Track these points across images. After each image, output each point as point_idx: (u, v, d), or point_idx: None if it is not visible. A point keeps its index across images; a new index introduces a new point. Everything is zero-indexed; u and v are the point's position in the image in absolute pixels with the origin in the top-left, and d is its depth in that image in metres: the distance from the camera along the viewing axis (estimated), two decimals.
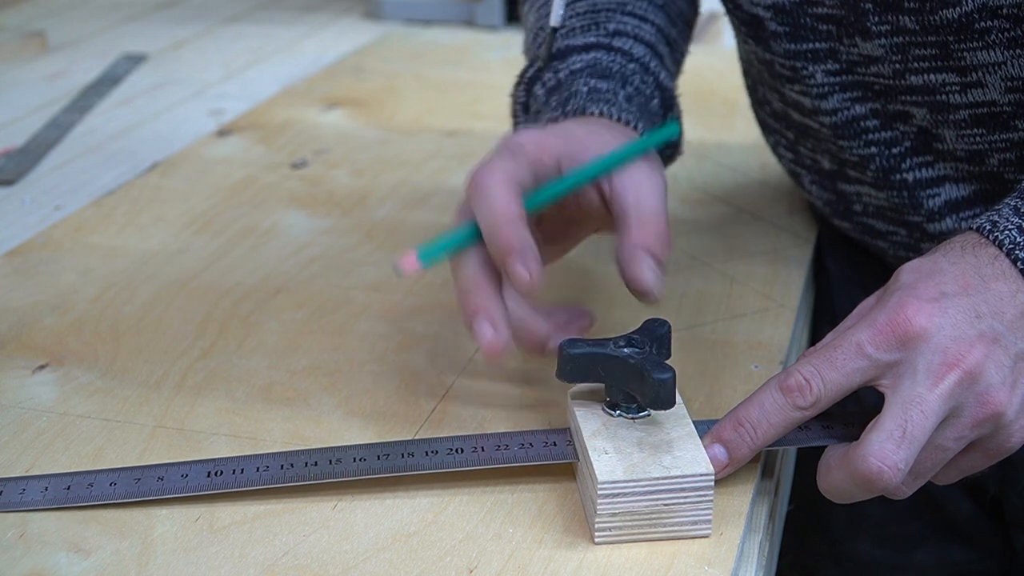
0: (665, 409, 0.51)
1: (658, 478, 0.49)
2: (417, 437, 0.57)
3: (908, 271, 0.53)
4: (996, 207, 0.56)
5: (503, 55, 1.26)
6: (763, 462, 0.57)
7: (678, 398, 0.53)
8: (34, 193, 0.91)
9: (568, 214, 0.60)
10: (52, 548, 0.49)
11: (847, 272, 0.82)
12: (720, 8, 0.76)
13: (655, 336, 0.54)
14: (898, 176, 0.70)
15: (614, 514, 0.49)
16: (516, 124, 0.71)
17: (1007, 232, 0.54)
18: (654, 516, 0.49)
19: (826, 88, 0.70)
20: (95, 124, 1.08)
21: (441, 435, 0.57)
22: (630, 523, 0.49)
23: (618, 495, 0.49)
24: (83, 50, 1.32)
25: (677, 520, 0.50)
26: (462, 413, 0.59)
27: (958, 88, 0.65)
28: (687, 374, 0.63)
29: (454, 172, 0.92)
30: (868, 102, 0.69)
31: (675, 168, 0.93)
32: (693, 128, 1.03)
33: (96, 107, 1.12)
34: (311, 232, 0.81)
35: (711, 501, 0.50)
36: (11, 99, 1.15)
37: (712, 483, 0.50)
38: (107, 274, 0.74)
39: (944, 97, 0.65)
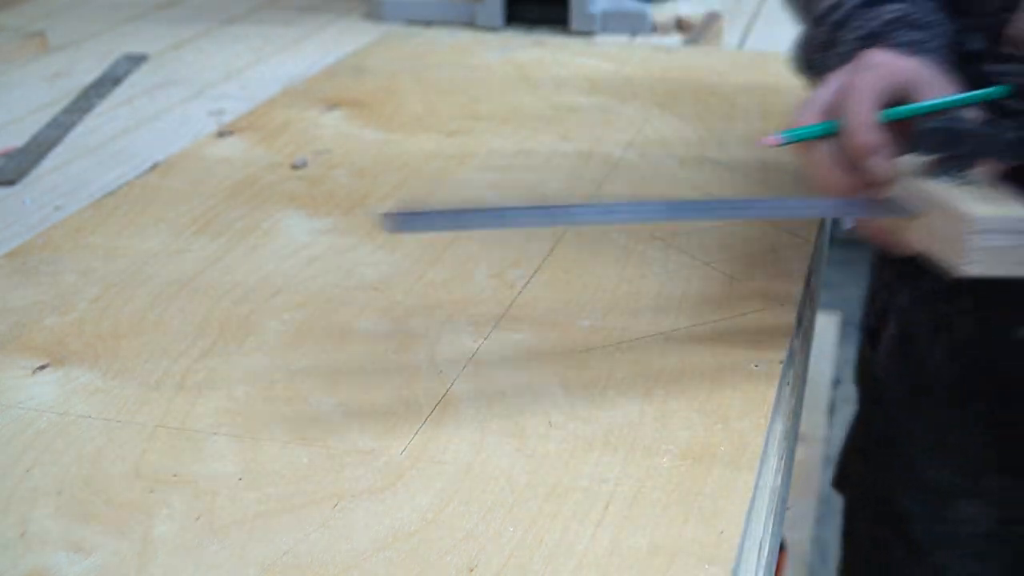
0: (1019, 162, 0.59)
1: (1016, 217, 0.56)
2: (417, 437, 0.57)
3: None
4: None
5: (503, 55, 1.26)
6: (761, 462, 0.57)
7: None
8: (34, 193, 0.91)
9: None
10: (52, 547, 0.49)
11: None
12: (720, 8, 0.76)
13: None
14: None
15: (983, 249, 0.56)
16: (813, 62, 0.75)
17: None
18: (1016, 251, 0.57)
19: None
20: (95, 124, 1.08)
21: (441, 433, 0.57)
22: (994, 258, 0.56)
23: (989, 231, 0.56)
24: (83, 50, 1.32)
25: None
26: (462, 413, 0.59)
27: None
28: (687, 374, 0.63)
29: (454, 172, 0.92)
30: None
31: (675, 168, 0.94)
32: (693, 128, 1.03)
33: (96, 107, 1.12)
34: (311, 232, 0.81)
35: None
36: (11, 99, 1.15)
37: None
38: (107, 274, 0.74)
39: None
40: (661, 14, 1.47)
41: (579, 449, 0.56)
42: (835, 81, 0.66)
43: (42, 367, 0.64)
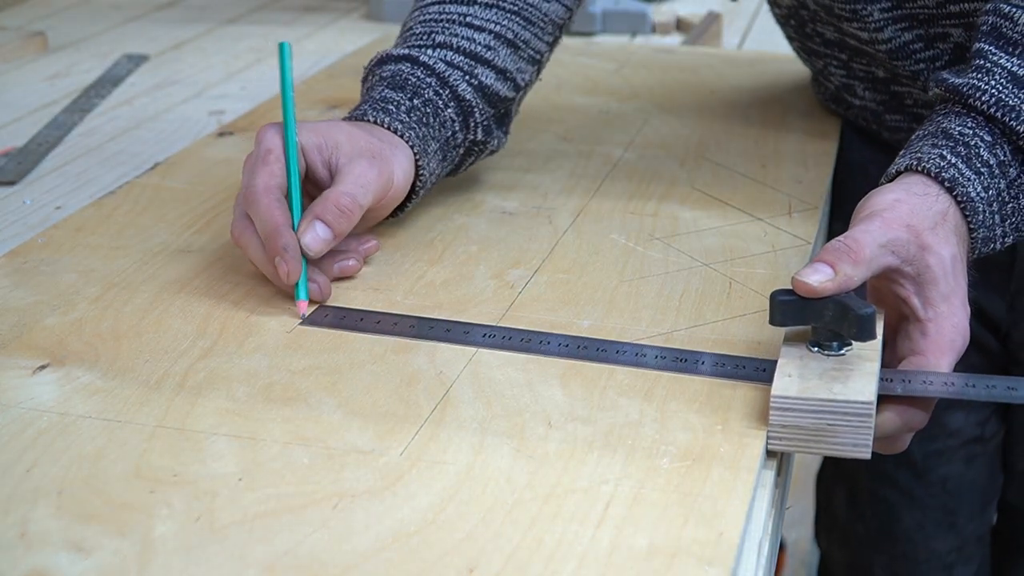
0: (867, 340, 0.60)
1: (823, 399, 0.57)
2: (417, 437, 0.57)
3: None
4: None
5: None
6: (761, 463, 0.57)
7: (879, 337, 0.62)
8: (35, 193, 0.91)
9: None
10: (53, 547, 0.49)
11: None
12: (719, 8, 0.77)
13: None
14: None
15: (784, 426, 0.58)
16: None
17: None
18: (818, 433, 0.57)
19: (881, 23, 0.86)
20: (96, 124, 1.08)
21: (441, 434, 0.57)
22: (797, 436, 0.58)
23: (788, 409, 0.57)
24: (84, 51, 1.32)
25: (838, 440, 0.57)
26: (462, 413, 0.59)
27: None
28: (686, 375, 0.63)
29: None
30: (915, 29, 0.86)
31: (675, 168, 0.94)
32: (693, 128, 1.03)
33: (97, 107, 1.12)
34: None
35: (870, 428, 0.57)
36: (12, 99, 1.15)
37: (871, 412, 0.57)
38: (108, 274, 0.74)
39: (975, 19, 0.79)
40: (661, 14, 1.47)
41: (579, 450, 0.56)
42: (244, 174, 0.72)
43: (42, 367, 0.64)
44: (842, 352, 0.61)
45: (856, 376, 0.59)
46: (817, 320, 0.61)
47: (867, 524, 1.15)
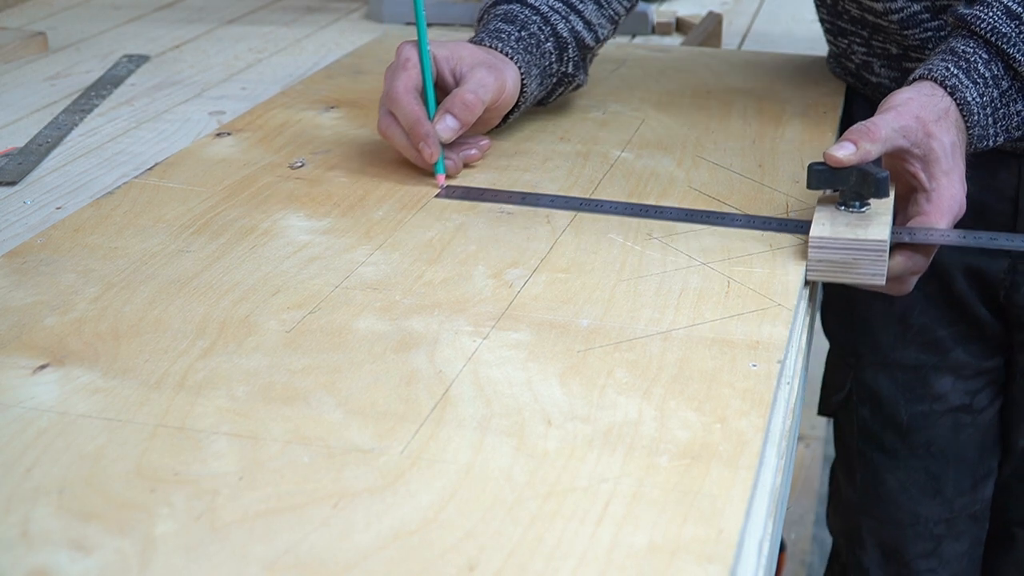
0: (883, 197, 0.78)
1: (849, 239, 0.75)
2: (417, 436, 0.57)
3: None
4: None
5: None
6: (760, 462, 0.57)
7: (891, 196, 0.80)
8: (35, 194, 0.91)
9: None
10: (54, 546, 0.49)
11: None
12: (720, 8, 0.77)
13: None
14: None
15: (819, 260, 0.76)
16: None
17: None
18: (845, 265, 0.75)
19: None
20: (96, 125, 1.08)
21: (441, 433, 0.57)
22: (829, 268, 0.76)
23: (822, 247, 0.75)
24: (84, 51, 1.32)
25: (860, 271, 0.76)
26: (462, 412, 0.59)
27: None
28: (685, 374, 0.63)
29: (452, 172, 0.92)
30: (923, 1, 0.97)
31: (674, 168, 0.94)
32: (691, 128, 1.03)
33: (97, 108, 1.13)
34: (310, 232, 0.81)
35: (885, 262, 0.75)
36: (12, 100, 1.15)
37: (886, 249, 0.75)
38: (107, 274, 0.75)
39: None
40: (661, 14, 1.47)
41: (578, 448, 0.56)
42: (387, 80, 0.88)
43: (42, 367, 0.64)
44: (862, 210, 0.78)
45: (874, 224, 0.77)
46: (844, 184, 0.78)
47: (856, 487, 1.20)
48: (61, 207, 0.88)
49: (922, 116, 0.81)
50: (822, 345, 1.21)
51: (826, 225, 0.76)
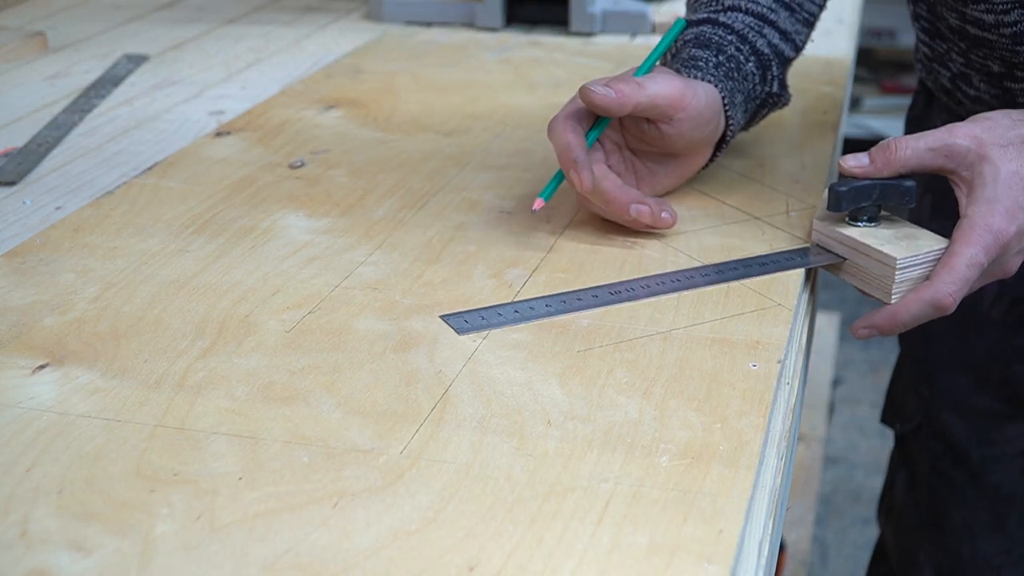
0: (909, 205, 0.76)
1: (926, 252, 0.73)
2: (417, 436, 0.57)
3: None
4: None
5: (501, 55, 1.27)
6: (760, 462, 0.57)
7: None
8: (35, 194, 0.91)
9: (646, 144, 0.84)
10: (53, 546, 0.49)
11: None
12: None
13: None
14: None
15: (902, 281, 0.72)
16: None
17: None
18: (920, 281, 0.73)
19: (1008, 5, 0.89)
20: (95, 125, 1.08)
21: (441, 433, 0.57)
22: (911, 287, 0.73)
23: (907, 267, 0.72)
24: (84, 51, 1.32)
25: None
26: (462, 412, 0.59)
27: None
28: (685, 373, 0.63)
29: (452, 172, 0.92)
30: None
31: None
32: None
33: (96, 108, 1.12)
34: (310, 232, 0.81)
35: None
36: (12, 100, 1.15)
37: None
38: (106, 274, 0.75)
39: None
40: (661, 14, 1.47)
41: (578, 448, 0.56)
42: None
43: (42, 367, 0.64)
44: (878, 225, 0.76)
45: (913, 232, 0.75)
46: (866, 199, 0.75)
47: (920, 512, 1.19)
48: (60, 207, 0.88)
49: (984, 139, 0.74)
50: (824, 345, 1.21)
51: (890, 245, 0.73)
